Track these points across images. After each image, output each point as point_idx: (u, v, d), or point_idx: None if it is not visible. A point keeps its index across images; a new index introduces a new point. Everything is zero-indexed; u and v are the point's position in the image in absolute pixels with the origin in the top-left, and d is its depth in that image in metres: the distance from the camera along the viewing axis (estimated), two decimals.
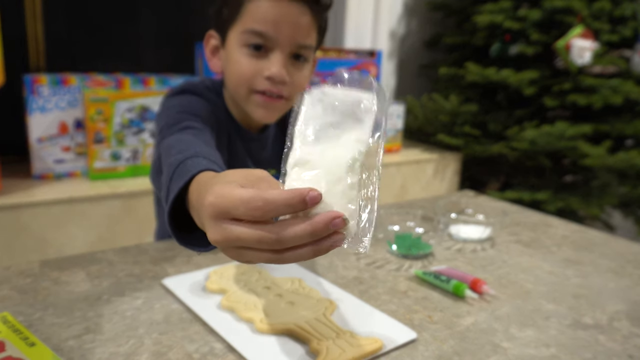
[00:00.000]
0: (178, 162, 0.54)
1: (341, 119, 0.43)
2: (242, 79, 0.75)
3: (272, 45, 0.73)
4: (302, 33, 0.73)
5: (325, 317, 0.59)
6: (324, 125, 0.43)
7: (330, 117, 0.43)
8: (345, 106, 0.43)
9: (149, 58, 1.87)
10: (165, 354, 0.53)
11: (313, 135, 0.43)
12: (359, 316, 0.61)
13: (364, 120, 0.43)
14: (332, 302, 0.63)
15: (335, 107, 0.43)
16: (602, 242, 0.93)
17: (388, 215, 0.88)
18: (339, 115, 0.43)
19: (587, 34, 1.86)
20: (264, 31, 0.72)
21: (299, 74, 0.76)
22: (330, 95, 0.44)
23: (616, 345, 0.59)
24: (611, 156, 1.81)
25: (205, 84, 0.84)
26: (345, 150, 0.41)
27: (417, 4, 2.39)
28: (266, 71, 0.73)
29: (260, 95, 0.75)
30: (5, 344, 0.52)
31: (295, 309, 0.61)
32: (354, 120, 0.43)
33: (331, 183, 0.40)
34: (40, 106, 1.41)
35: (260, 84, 0.74)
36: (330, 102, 0.43)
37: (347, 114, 0.43)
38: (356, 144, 0.42)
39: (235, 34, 0.75)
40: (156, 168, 0.64)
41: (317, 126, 0.43)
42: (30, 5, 1.61)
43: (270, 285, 0.66)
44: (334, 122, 0.43)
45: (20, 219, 1.25)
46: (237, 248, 0.40)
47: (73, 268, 0.72)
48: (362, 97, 0.43)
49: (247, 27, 0.73)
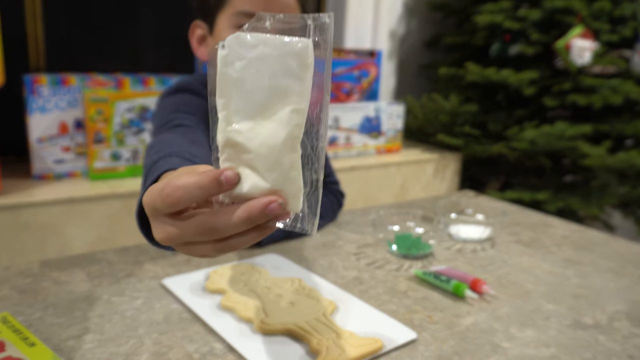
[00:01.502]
0: (152, 162, 0.54)
1: (269, 81, 0.35)
2: None
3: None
4: (290, 12, 0.75)
5: (325, 317, 0.59)
6: (249, 93, 0.35)
7: (254, 80, 0.35)
8: (271, 62, 0.34)
9: (149, 58, 1.87)
10: (165, 354, 0.53)
11: (237, 107, 0.35)
12: (359, 316, 0.61)
13: (299, 77, 0.35)
14: (332, 302, 0.63)
15: (259, 67, 0.35)
16: (602, 242, 0.93)
17: (388, 215, 0.88)
18: (265, 76, 0.35)
19: (587, 34, 1.86)
20: (254, 11, 0.73)
21: None
22: (252, 47, 0.35)
23: (616, 345, 0.59)
24: (611, 156, 1.81)
25: (200, 80, 0.85)
26: (279, 126, 0.35)
27: (417, 4, 2.39)
28: None
29: None
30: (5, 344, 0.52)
31: (295, 309, 0.61)
32: (286, 79, 0.35)
33: (268, 167, 0.35)
34: (40, 106, 1.41)
35: None
36: (254, 59, 0.34)
37: (275, 74, 0.35)
38: (292, 115, 0.35)
39: (225, 17, 0.76)
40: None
41: (242, 95, 0.35)
42: (30, 5, 1.61)
43: (270, 285, 0.66)
44: (261, 87, 0.35)
45: (20, 219, 1.25)
46: (185, 244, 0.39)
47: (73, 268, 0.72)
48: (294, 48, 0.34)
49: (237, 9, 0.74)
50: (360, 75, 1.96)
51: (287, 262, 0.76)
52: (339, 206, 0.97)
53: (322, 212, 0.91)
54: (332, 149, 1.83)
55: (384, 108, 1.93)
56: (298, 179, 0.36)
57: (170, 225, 0.37)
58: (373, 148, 1.94)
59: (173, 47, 1.89)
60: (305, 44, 0.34)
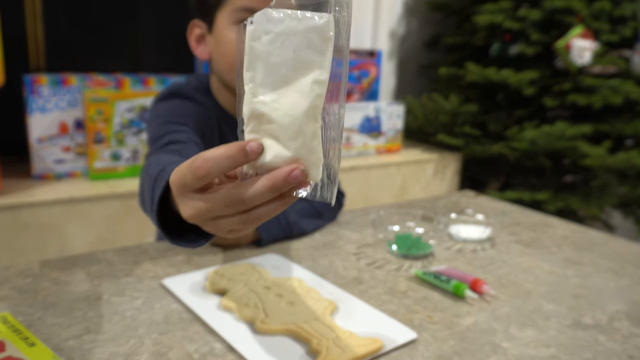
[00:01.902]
0: (157, 172, 0.54)
1: (293, 54, 0.37)
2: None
3: None
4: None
5: (325, 317, 0.59)
6: (274, 65, 0.37)
7: (280, 54, 0.37)
8: (296, 37, 0.37)
9: (149, 58, 1.87)
10: (165, 354, 0.53)
11: (263, 79, 0.38)
12: (359, 316, 0.61)
13: (321, 51, 0.37)
14: (332, 302, 0.63)
15: (284, 40, 0.37)
16: (602, 242, 0.93)
17: (388, 215, 0.88)
18: (289, 49, 0.37)
19: (587, 34, 1.86)
20: (255, 7, 0.73)
21: None
22: (278, 22, 0.37)
23: (616, 345, 0.59)
24: (611, 156, 1.81)
25: (193, 84, 0.85)
26: (302, 96, 0.37)
27: (417, 4, 2.39)
28: None
29: None
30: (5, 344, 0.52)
31: (295, 309, 0.61)
32: (309, 52, 0.37)
33: (290, 136, 0.37)
34: (40, 106, 1.41)
35: None
36: (278, 34, 0.37)
37: (299, 47, 0.37)
38: (314, 86, 0.37)
39: (225, 14, 0.76)
40: (141, 192, 0.63)
41: (267, 67, 0.37)
42: (30, 5, 1.61)
43: (270, 285, 0.66)
44: (286, 60, 0.37)
45: (20, 219, 1.25)
46: (212, 220, 0.40)
47: (73, 268, 0.72)
48: (317, 23, 0.36)
49: (237, 5, 0.75)
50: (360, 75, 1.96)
51: (287, 262, 0.76)
52: (339, 206, 0.97)
53: (322, 211, 0.91)
54: None
55: (384, 108, 1.93)
56: (318, 148, 0.37)
57: (199, 200, 0.39)
58: (373, 148, 1.94)
59: (173, 47, 1.89)
60: (326, 19, 0.36)
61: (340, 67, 0.38)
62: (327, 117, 0.38)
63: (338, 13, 0.37)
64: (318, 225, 0.90)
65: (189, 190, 0.39)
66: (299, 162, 0.37)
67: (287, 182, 0.36)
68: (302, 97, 0.37)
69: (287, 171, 0.36)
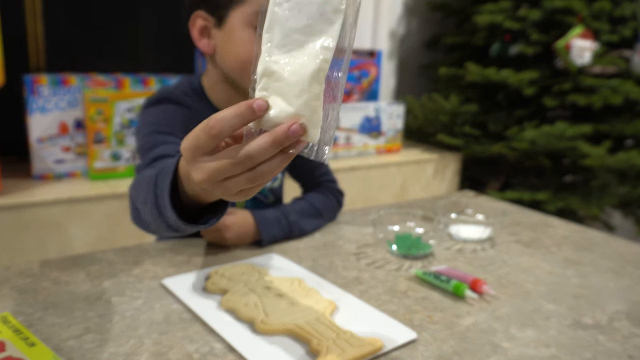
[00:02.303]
0: (156, 172, 0.57)
1: (307, 21, 0.41)
2: (250, 58, 0.77)
3: None
4: None
5: (325, 317, 0.59)
6: (290, 30, 0.42)
7: (296, 20, 0.41)
8: (312, 6, 0.41)
9: (149, 58, 1.87)
10: (166, 354, 0.53)
11: (279, 41, 0.42)
12: (359, 316, 0.61)
13: (331, 21, 0.41)
14: (332, 302, 0.63)
15: (301, 8, 0.41)
16: (602, 242, 0.93)
17: (388, 215, 0.88)
18: (305, 17, 0.41)
19: (586, 34, 1.86)
20: None
21: None
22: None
23: (616, 345, 0.59)
24: (611, 156, 1.81)
25: (182, 88, 0.84)
26: (310, 59, 0.41)
27: (417, 4, 2.39)
28: None
29: None
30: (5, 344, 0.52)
31: (295, 309, 0.61)
32: (321, 22, 0.41)
33: (295, 94, 0.41)
34: (40, 106, 1.41)
35: None
36: (297, 2, 0.42)
37: (313, 16, 0.41)
38: (322, 51, 0.41)
39: (241, 14, 0.76)
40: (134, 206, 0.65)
41: (284, 31, 0.42)
42: (31, 5, 1.61)
43: (270, 285, 0.66)
44: (300, 26, 0.41)
45: (21, 219, 1.25)
46: (222, 182, 0.43)
47: (73, 268, 0.72)
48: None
49: (255, 9, 0.74)
50: (361, 75, 1.96)
51: (287, 262, 0.76)
52: (339, 205, 0.97)
53: (322, 211, 0.91)
54: (332, 149, 1.83)
55: (384, 108, 1.93)
56: (319, 109, 0.41)
57: (208, 162, 0.43)
58: (373, 148, 1.94)
59: (173, 47, 1.89)
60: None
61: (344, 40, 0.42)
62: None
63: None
64: (318, 225, 0.90)
65: (201, 153, 0.43)
66: (300, 119, 0.40)
67: (288, 137, 0.40)
68: (310, 59, 0.41)
69: (287, 126, 0.40)
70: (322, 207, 0.91)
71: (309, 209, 0.89)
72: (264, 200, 0.94)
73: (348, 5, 0.41)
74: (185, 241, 0.84)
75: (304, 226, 0.86)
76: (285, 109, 0.41)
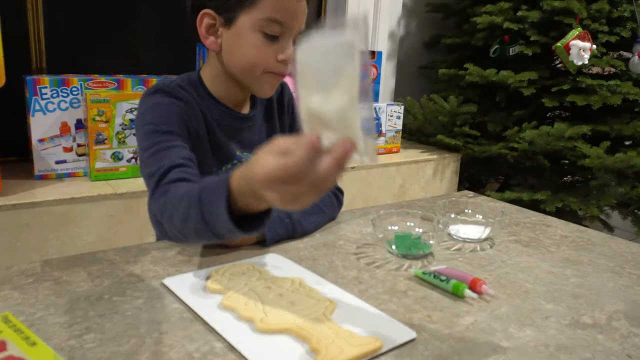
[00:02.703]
0: (198, 192, 0.63)
1: (334, 62, 0.47)
2: (259, 62, 0.81)
3: (286, 32, 0.79)
4: (304, 20, 0.81)
5: (325, 316, 0.59)
6: (321, 72, 0.48)
7: (324, 63, 0.48)
8: (336, 49, 0.47)
9: (150, 59, 1.88)
10: (166, 353, 0.53)
11: (314, 84, 0.49)
12: (358, 316, 0.61)
13: (353, 57, 0.46)
14: (332, 302, 0.63)
15: (327, 53, 0.48)
16: (601, 242, 0.93)
17: (388, 215, 0.88)
18: (331, 59, 0.47)
19: (584, 36, 1.86)
20: (284, 21, 0.78)
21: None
22: (321, 41, 0.48)
23: (615, 344, 0.59)
24: (610, 156, 1.81)
25: (177, 82, 0.86)
26: (343, 94, 0.47)
27: (416, 5, 2.39)
28: (280, 54, 0.80)
29: (272, 74, 0.82)
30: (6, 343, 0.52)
31: (295, 308, 0.61)
32: (345, 60, 0.47)
33: (340, 123, 0.48)
34: (41, 107, 1.42)
35: (274, 66, 0.81)
36: (322, 49, 0.48)
37: (338, 57, 0.47)
38: (351, 83, 0.47)
39: (250, 18, 0.78)
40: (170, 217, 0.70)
41: (316, 75, 0.49)
42: (32, 6, 1.61)
43: (271, 285, 0.67)
44: (330, 67, 0.48)
45: (22, 219, 1.25)
46: (293, 199, 0.51)
47: (74, 268, 0.72)
48: (349, 38, 0.47)
49: (268, 15, 0.77)
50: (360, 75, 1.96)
51: (287, 262, 0.76)
52: (339, 204, 0.97)
53: (323, 207, 0.91)
54: None
55: (383, 108, 1.94)
56: (357, 128, 0.48)
57: (285, 187, 0.50)
58: None
59: (173, 47, 1.90)
60: (354, 33, 0.46)
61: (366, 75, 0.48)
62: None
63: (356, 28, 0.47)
64: (320, 221, 0.90)
65: (278, 183, 0.50)
66: (348, 139, 0.48)
67: (346, 155, 0.48)
68: (344, 94, 0.47)
69: (342, 147, 0.48)
70: (322, 204, 0.91)
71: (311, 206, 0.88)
72: None
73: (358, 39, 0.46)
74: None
75: (306, 224, 0.87)
76: (332, 137, 0.49)
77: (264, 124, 0.95)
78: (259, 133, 0.94)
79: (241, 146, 0.91)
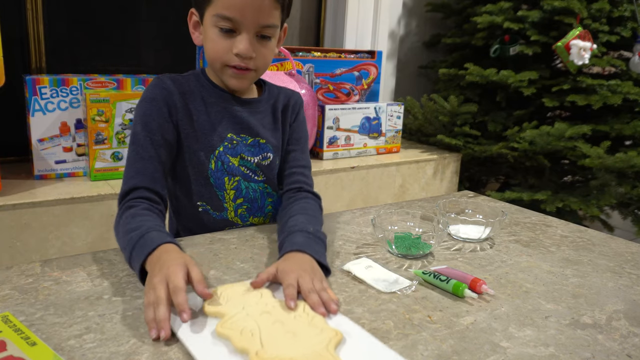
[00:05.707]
0: (136, 239, 0.71)
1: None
2: (216, 55, 0.85)
3: (239, 27, 0.82)
4: (264, 16, 0.82)
5: (327, 350, 0.54)
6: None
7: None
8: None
9: (150, 59, 1.88)
10: (166, 353, 0.53)
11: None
12: (365, 352, 0.55)
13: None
14: (338, 333, 0.57)
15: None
16: (601, 242, 0.93)
17: (387, 215, 0.88)
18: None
19: (585, 36, 1.86)
20: (232, 16, 0.81)
21: (264, 49, 0.86)
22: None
23: (615, 344, 0.59)
24: (610, 156, 1.81)
25: (179, 75, 0.92)
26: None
27: (416, 4, 2.39)
28: (235, 49, 0.83)
29: (232, 68, 0.85)
30: (6, 343, 0.52)
31: (296, 339, 0.55)
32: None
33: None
34: (41, 107, 1.41)
35: (231, 60, 0.84)
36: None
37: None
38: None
39: (209, 15, 0.83)
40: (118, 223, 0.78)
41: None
42: (31, 6, 1.61)
43: (271, 309, 0.61)
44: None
45: (22, 219, 1.25)
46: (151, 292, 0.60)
47: (74, 268, 0.72)
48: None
49: (217, 11, 0.81)
50: (361, 75, 1.96)
51: None
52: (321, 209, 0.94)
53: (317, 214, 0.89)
54: (332, 149, 1.84)
55: (383, 108, 1.94)
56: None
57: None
58: (373, 148, 1.95)
59: (173, 47, 1.90)
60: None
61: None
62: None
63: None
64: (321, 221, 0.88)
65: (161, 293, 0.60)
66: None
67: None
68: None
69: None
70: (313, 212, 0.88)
71: (312, 215, 0.86)
72: (256, 177, 0.93)
73: None
74: (186, 241, 0.84)
75: (321, 230, 0.83)
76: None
77: (269, 108, 0.96)
78: (262, 119, 0.94)
79: (239, 128, 0.91)
